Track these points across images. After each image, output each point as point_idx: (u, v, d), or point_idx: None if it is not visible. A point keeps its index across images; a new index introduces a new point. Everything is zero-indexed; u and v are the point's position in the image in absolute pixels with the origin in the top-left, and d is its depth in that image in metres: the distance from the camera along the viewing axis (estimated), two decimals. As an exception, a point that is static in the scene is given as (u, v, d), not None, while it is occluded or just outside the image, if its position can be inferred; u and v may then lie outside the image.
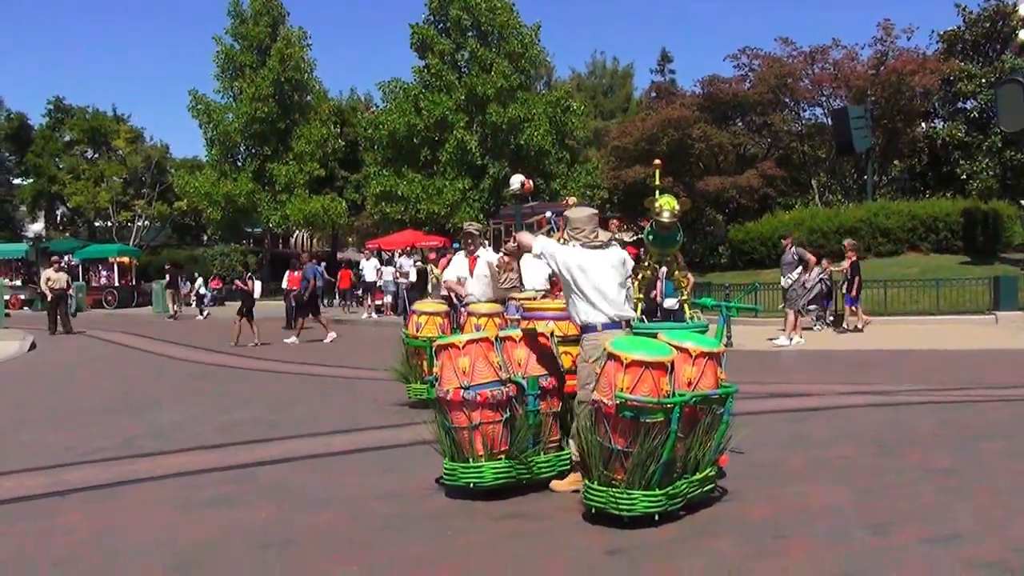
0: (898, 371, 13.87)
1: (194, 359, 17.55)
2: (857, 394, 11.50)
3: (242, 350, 18.78)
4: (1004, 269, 25.02)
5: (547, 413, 6.73)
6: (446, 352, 6.66)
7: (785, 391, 12.02)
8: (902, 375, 13.28)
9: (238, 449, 8.72)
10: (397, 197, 38.74)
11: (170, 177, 51.75)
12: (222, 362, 16.87)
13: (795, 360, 15.74)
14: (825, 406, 10.72)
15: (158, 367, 16.55)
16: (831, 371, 14.09)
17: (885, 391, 11.67)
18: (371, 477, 7.40)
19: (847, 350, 16.76)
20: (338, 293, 35.42)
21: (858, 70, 38.27)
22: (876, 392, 11.61)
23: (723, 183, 37.77)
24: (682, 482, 5.95)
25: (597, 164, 42.45)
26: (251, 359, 17.12)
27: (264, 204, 42.95)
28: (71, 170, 55.16)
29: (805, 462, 7.66)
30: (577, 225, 6.71)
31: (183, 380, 14.59)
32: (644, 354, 5.76)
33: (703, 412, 6.01)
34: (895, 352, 16.27)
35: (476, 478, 6.52)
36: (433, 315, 10.72)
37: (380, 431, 9.55)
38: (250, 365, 16.18)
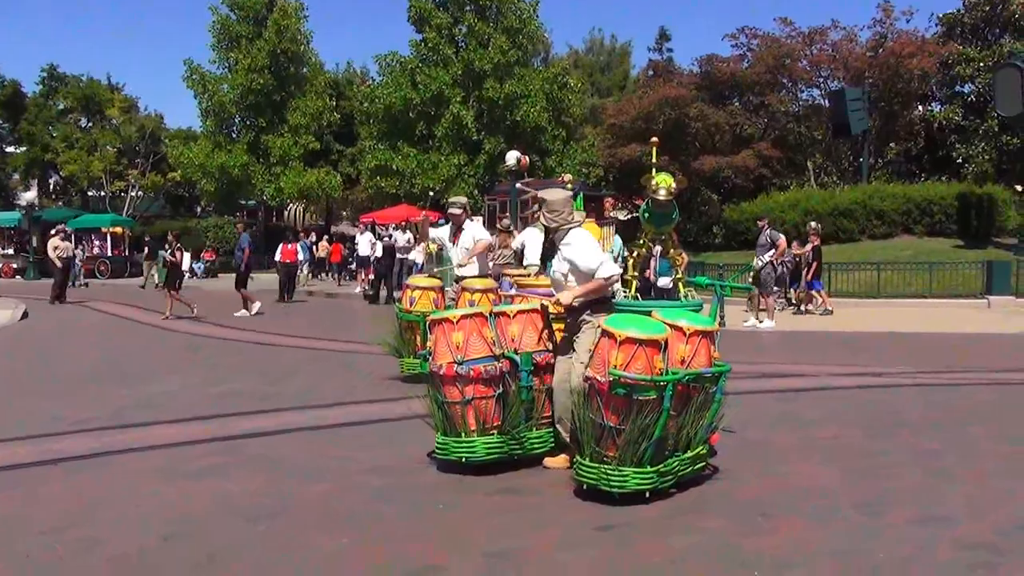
0: (889, 353, 13.91)
1: (187, 330, 17.52)
2: (848, 375, 11.53)
3: (238, 323, 18.76)
4: (997, 254, 25.09)
5: (540, 389, 6.74)
6: (440, 327, 6.66)
7: (776, 371, 12.05)
8: (893, 357, 13.32)
9: (229, 420, 8.72)
10: (392, 171, 38.63)
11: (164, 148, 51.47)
12: (215, 333, 16.85)
13: (787, 341, 15.77)
14: (816, 387, 10.75)
15: (150, 338, 16.52)
16: (823, 352, 14.12)
17: (875, 373, 11.71)
18: (363, 450, 7.41)
19: (839, 331, 16.80)
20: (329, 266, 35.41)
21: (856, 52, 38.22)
22: (866, 373, 11.64)
23: (719, 163, 37.74)
24: (673, 460, 5.97)
25: (593, 142, 42.35)
26: (245, 331, 17.11)
27: (258, 176, 42.79)
28: (64, 139, 54.83)
29: (795, 442, 7.69)
30: (555, 208, 6.69)
31: (176, 351, 14.57)
32: (638, 331, 5.77)
33: (696, 390, 6.02)
34: (886, 334, 16.31)
35: (468, 453, 6.53)
36: (427, 289, 10.71)
37: (373, 404, 9.55)
38: (243, 337, 16.16)
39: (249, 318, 19.77)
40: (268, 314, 20.52)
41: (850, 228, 30.49)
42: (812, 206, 31.12)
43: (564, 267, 6.64)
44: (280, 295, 25.48)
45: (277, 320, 19.71)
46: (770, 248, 17.80)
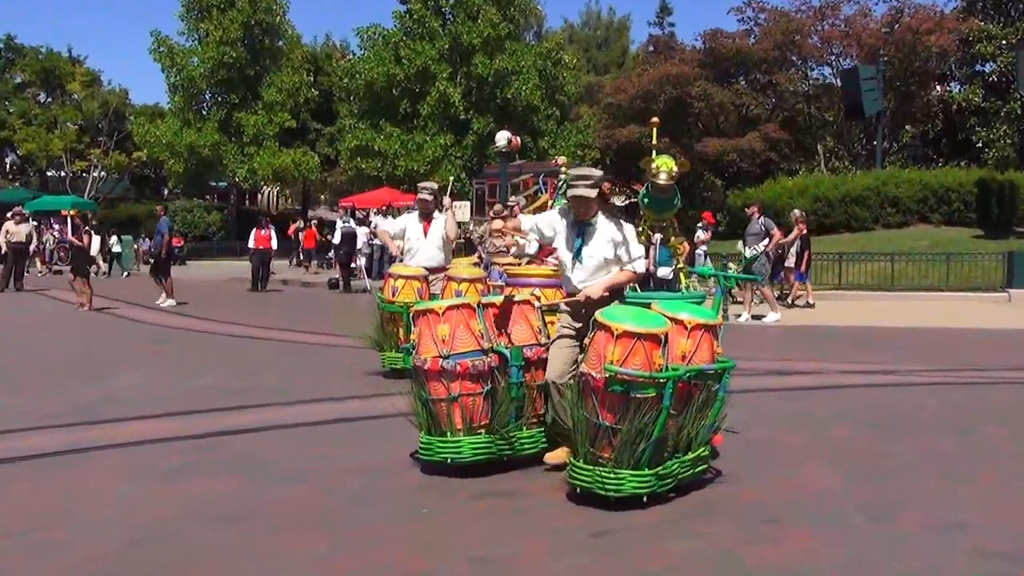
0: (903, 349, 13.96)
1: (156, 321, 17.50)
2: (858, 373, 11.58)
3: (210, 314, 18.74)
4: (1019, 244, 25.17)
5: (531, 386, 6.76)
6: (424, 319, 6.66)
7: (783, 368, 12.09)
8: (907, 354, 13.37)
9: (202, 417, 8.72)
10: (373, 152, 38.60)
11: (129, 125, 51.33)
12: (184, 325, 16.84)
13: (793, 336, 15.82)
14: (824, 385, 10.80)
15: (115, 328, 16.50)
16: (832, 348, 14.17)
17: (888, 370, 11.76)
18: (342, 450, 7.42)
19: (849, 326, 16.85)
20: (301, 254, 35.29)
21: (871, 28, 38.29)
22: (878, 371, 11.70)
23: (723, 145, 37.84)
24: (673, 462, 5.99)
25: (589, 122, 42.38)
26: (216, 322, 17.09)
27: (230, 157, 42.71)
28: (22, 115, 54.60)
29: (803, 443, 7.73)
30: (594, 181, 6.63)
31: (144, 343, 14.56)
32: (636, 325, 5.78)
33: (698, 388, 6.04)
34: (900, 329, 16.37)
35: (454, 453, 6.54)
36: (410, 278, 10.72)
37: (352, 401, 9.56)
38: (216, 329, 16.15)
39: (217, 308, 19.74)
40: (242, 304, 20.49)
41: (863, 216, 30.59)
42: (822, 192, 31.20)
43: (608, 251, 6.55)
44: (253, 284, 25.47)
45: (251, 311, 19.68)
46: (763, 237, 17.78)
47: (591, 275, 6.61)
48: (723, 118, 40.24)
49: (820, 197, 31.13)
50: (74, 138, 54.66)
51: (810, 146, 41.65)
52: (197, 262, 40.73)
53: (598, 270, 6.59)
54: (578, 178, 6.59)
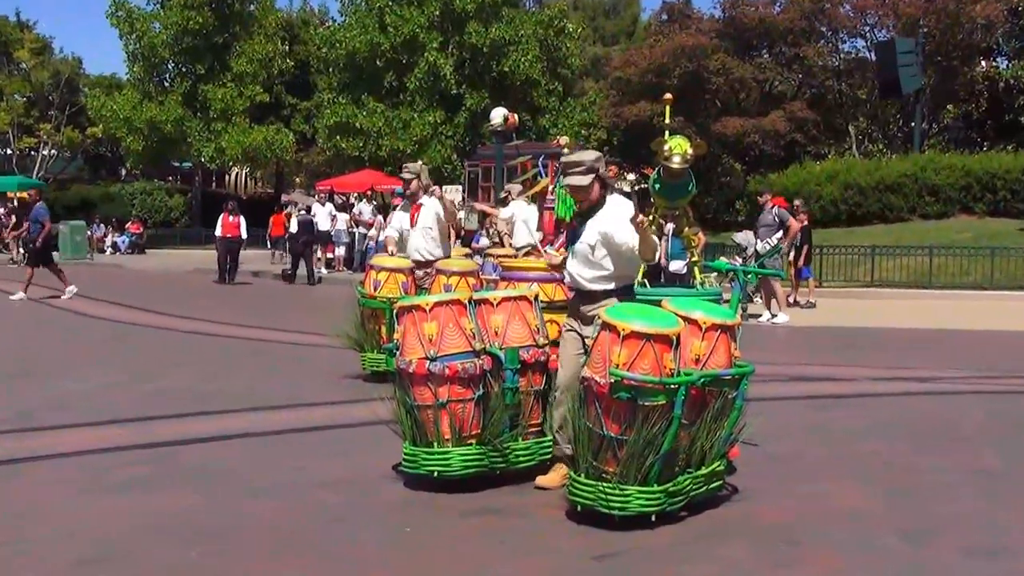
0: (942, 354, 13.97)
1: (112, 317, 17.48)
2: (892, 380, 11.58)
3: (171, 308, 18.71)
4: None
5: (528, 391, 6.75)
6: (409, 316, 6.65)
7: (807, 374, 12.10)
8: (946, 358, 13.38)
9: (160, 424, 8.70)
10: (355, 130, 38.53)
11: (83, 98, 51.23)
12: (143, 320, 16.82)
13: (817, 338, 15.83)
14: (854, 393, 10.80)
15: (66, 324, 16.48)
16: (862, 352, 14.18)
17: (925, 377, 11.76)
18: (317, 461, 7.41)
19: (880, 327, 16.86)
20: (269, 241, 35.18)
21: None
22: (914, 378, 11.70)
23: (744, 125, 37.80)
24: (685, 477, 5.99)
25: (595, 98, 42.35)
26: (179, 318, 17.07)
27: (195, 134, 42.62)
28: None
29: (829, 457, 7.73)
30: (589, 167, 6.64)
31: (96, 341, 14.54)
32: (645, 324, 5.77)
33: (713, 395, 6.04)
34: (939, 331, 16.38)
35: (441, 466, 6.54)
36: (394, 271, 10.70)
37: (329, 407, 9.55)
38: (178, 326, 16.13)
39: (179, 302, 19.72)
40: (207, 298, 20.46)
41: (898, 206, 30.60)
42: (853, 179, 31.21)
43: (593, 239, 6.52)
44: (220, 276, 25.46)
45: (217, 306, 19.65)
46: (777, 229, 17.79)
47: (582, 267, 6.60)
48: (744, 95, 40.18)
49: (851, 184, 31.13)
50: (22, 112, 54.54)
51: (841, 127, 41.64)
52: (157, 251, 40.73)
53: (586, 261, 6.57)
54: (568, 166, 6.61)
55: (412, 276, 10.84)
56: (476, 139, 37.37)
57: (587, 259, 6.54)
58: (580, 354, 6.39)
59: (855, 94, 41.89)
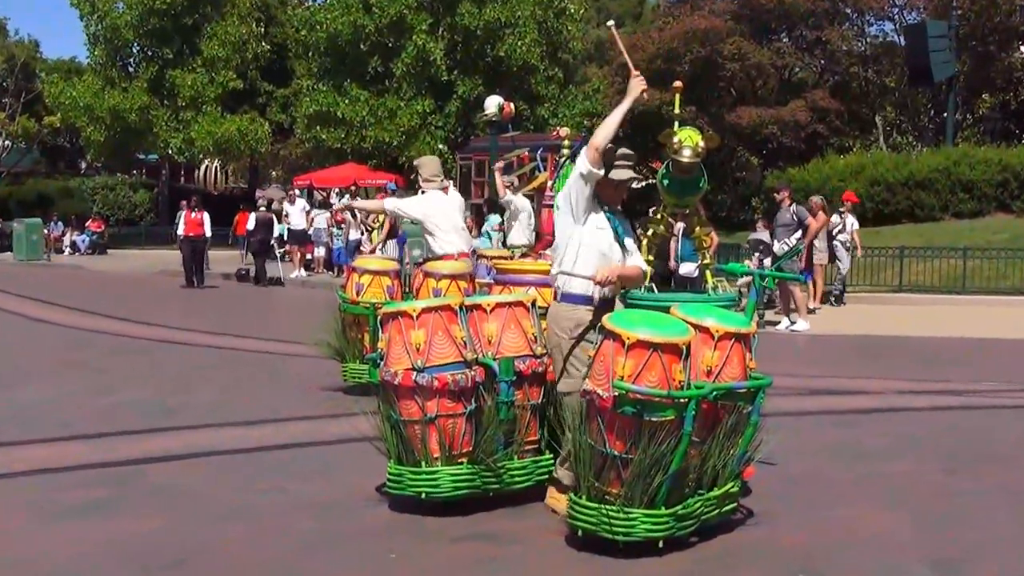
0: (976, 365, 13.98)
1: (70, 323, 17.47)
2: (922, 393, 11.57)
3: (134, 314, 18.70)
4: (1119, 239, 25.19)
5: (524, 405, 6.75)
6: (395, 323, 6.64)
7: (828, 386, 12.09)
8: (981, 370, 13.39)
9: (121, 441, 8.69)
10: (336, 120, 38.50)
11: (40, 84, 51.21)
12: (105, 328, 16.79)
13: (838, 347, 15.83)
14: (880, 407, 10.80)
15: (21, 331, 16.47)
16: (888, 362, 14.18)
17: (958, 390, 11.76)
18: (293, 482, 7.40)
19: (908, 336, 16.86)
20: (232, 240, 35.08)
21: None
22: (947, 391, 11.69)
23: (761, 116, 37.81)
24: (695, 500, 5.99)
25: (598, 86, 42.33)
26: (144, 326, 17.05)
27: (162, 124, 42.60)
28: (-91, 71, 54.60)
29: (853, 478, 7.73)
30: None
31: (53, 350, 14.53)
32: (652, 332, 5.76)
33: (726, 410, 6.04)
34: (973, 340, 16.37)
35: (430, 487, 6.53)
36: (379, 274, 10.69)
37: (306, 423, 9.54)
38: (143, 333, 16.11)
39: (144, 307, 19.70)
40: (173, 303, 20.45)
41: (929, 203, 30.61)
42: (880, 174, 31.21)
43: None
44: (187, 279, 25.39)
45: (184, 311, 19.63)
46: (796, 228, 17.80)
47: None
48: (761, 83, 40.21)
49: (878, 180, 31.12)
50: (-28, 99, 54.60)
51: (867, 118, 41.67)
52: (120, 251, 40.69)
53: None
54: (622, 157, 6.73)
55: (398, 279, 10.84)
56: (469, 130, 37.37)
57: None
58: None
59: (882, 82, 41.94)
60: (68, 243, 41.71)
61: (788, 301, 17.99)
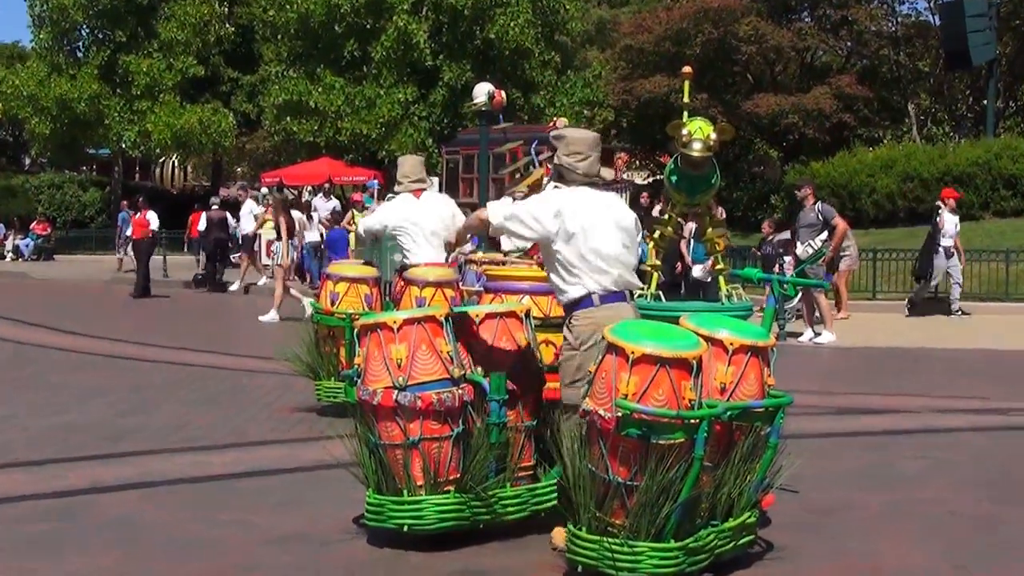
0: (1022, 381, 13.97)
1: (12, 336, 17.43)
2: (962, 412, 11.59)
3: (84, 327, 18.67)
4: None
5: (517, 427, 6.74)
6: (374, 336, 6.63)
7: (856, 405, 12.10)
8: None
9: (70, 468, 8.67)
10: (309, 110, 38.55)
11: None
12: (50, 342, 16.77)
13: (870, 362, 15.84)
14: (915, 428, 10.80)
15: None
16: (924, 378, 14.18)
17: (1002, 408, 11.79)
18: (262, 513, 7.39)
19: (943, 348, 16.87)
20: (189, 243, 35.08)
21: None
22: (989, 410, 11.72)
23: (780, 104, 37.84)
24: (708, 531, 5.98)
25: (599, 71, 42.39)
26: (94, 339, 17.03)
27: (115, 115, 42.61)
28: None
29: (884, 507, 7.73)
30: (576, 149, 6.67)
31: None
32: (659, 346, 5.76)
33: (742, 432, 6.04)
34: (1017, 353, 16.40)
35: (413, 518, 6.52)
36: (356, 281, 10.68)
37: (275, 447, 9.53)
38: (93, 348, 16.09)
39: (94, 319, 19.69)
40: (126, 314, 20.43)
41: (968, 200, 30.56)
42: (914, 168, 31.25)
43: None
44: (136, 288, 25.28)
45: (138, 323, 19.61)
46: (821, 229, 17.80)
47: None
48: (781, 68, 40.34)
49: (911, 174, 31.16)
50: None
51: (898, 106, 41.76)
52: (69, 256, 40.63)
53: None
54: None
55: (377, 287, 10.83)
56: (456, 121, 37.39)
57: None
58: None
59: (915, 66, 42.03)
60: (10, 248, 41.63)
61: (812, 310, 18.01)
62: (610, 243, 6.53)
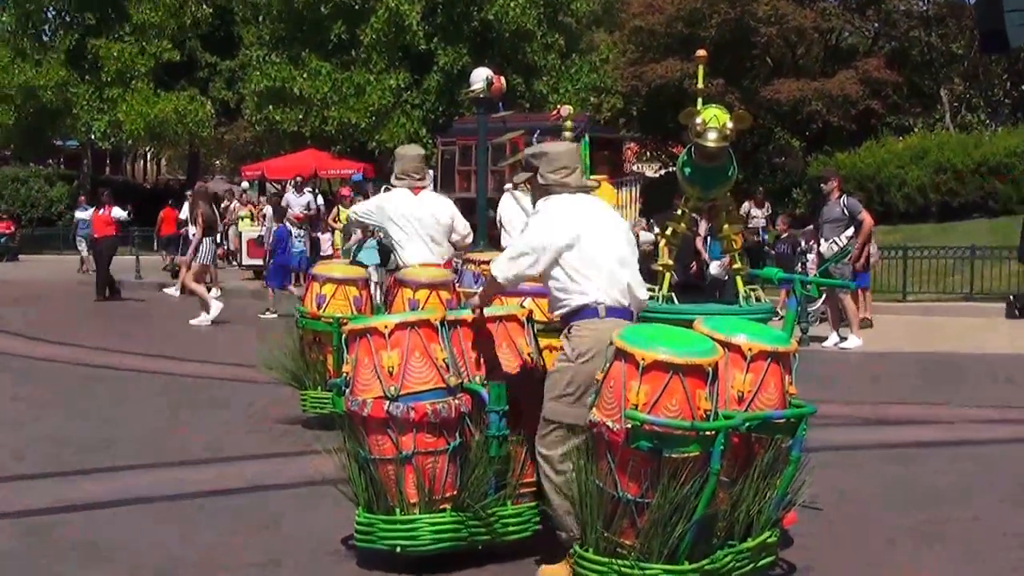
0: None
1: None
2: (999, 423, 11.61)
3: (49, 332, 18.68)
4: None
5: (519, 441, 6.75)
6: (363, 341, 6.63)
7: (887, 415, 12.09)
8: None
9: (33, 485, 8.69)
10: (293, 98, 38.54)
11: (-65, 57, 51.25)
12: (17, 349, 16.77)
13: (899, 368, 15.82)
14: (948, 440, 10.79)
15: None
16: (958, 386, 14.15)
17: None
18: (242, 534, 7.40)
19: (979, 353, 16.85)
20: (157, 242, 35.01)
21: (1018, -81, 38.37)
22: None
23: (802, 90, 37.82)
24: (725, 552, 5.98)
25: (607, 55, 42.37)
26: (60, 346, 17.04)
27: (84, 103, 42.60)
28: None
29: (914, 525, 7.73)
30: (562, 164, 6.67)
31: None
32: (672, 351, 5.75)
33: (761, 444, 6.04)
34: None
35: (406, 539, 6.52)
36: (344, 282, 10.68)
37: (258, 463, 9.54)
38: (59, 355, 16.10)
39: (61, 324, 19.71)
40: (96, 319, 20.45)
41: (1006, 194, 30.59)
42: (947, 159, 31.21)
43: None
44: (98, 289, 25.18)
45: (109, 328, 19.61)
46: (848, 224, 17.77)
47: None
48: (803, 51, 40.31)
49: (944, 166, 31.11)
50: None
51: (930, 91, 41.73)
52: (34, 256, 40.60)
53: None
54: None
55: (367, 290, 10.83)
56: (452, 109, 37.38)
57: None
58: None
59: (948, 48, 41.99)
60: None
61: (837, 312, 18.00)
62: (616, 246, 6.52)
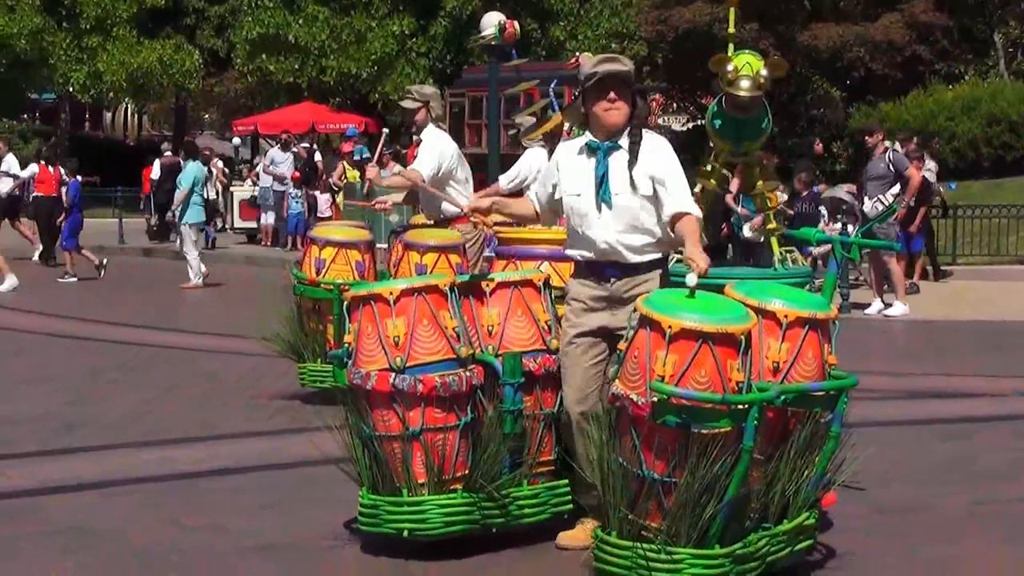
0: None
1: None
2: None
3: (22, 302, 18.71)
4: None
5: (535, 416, 6.75)
6: (367, 309, 6.63)
7: (935, 387, 12.09)
8: None
9: (11, 465, 8.70)
10: (288, 46, 38.47)
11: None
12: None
13: (949, 337, 15.80)
14: (1001, 414, 10.79)
15: None
16: (1012, 356, 14.13)
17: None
18: (238, 517, 7.42)
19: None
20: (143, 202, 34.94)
21: None
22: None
23: (844, 35, 37.69)
24: (759, 535, 5.99)
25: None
26: (36, 316, 17.06)
27: (61, 53, 42.57)
28: None
29: (965, 507, 7.73)
30: None
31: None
32: (702, 319, 5.75)
33: (798, 419, 6.05)
34: None
35: (414, 522, 6.53)
36: (345, 246, 10.68)
37: (253, 440, 9.56)
38: (35, 326, 16.14)
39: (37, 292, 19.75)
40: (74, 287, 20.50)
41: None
42: (1001, 110, 31.10)
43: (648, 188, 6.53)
44: (42, 255, 25.12)
45: (90, 296, 19.63)
46: (893, 182, 17.71)
47: (626, 229, 6.58)
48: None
49: (997, 117, 30.99)
50: None
51: (982, 36, 41.55)
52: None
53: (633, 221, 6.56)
54: (605, 60, 6.68)
55: (371, 254, 10.83)
56: (461, 58, 37.31)
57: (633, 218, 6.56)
58: (599, 362, 6.41)
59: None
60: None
61: (881, 277, 17.97)
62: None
